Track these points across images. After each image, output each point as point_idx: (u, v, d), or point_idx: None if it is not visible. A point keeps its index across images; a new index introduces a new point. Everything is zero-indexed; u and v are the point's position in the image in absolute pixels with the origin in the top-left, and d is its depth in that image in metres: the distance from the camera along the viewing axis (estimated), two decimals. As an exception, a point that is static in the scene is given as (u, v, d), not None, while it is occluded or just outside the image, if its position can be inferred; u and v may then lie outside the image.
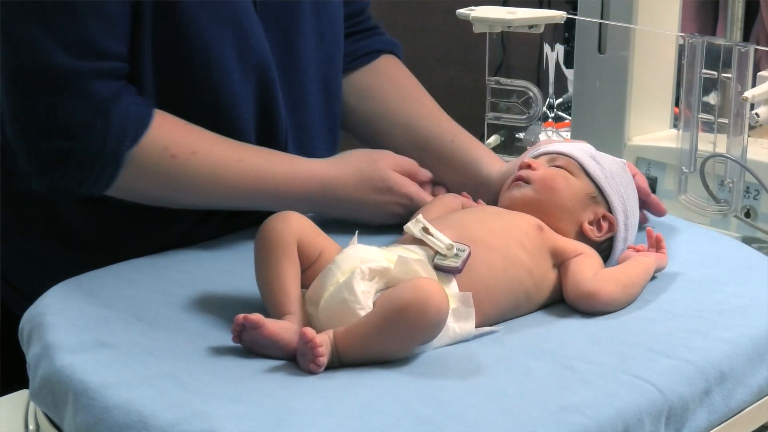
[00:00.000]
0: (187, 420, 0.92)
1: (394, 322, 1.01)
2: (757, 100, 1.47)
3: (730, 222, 1.58)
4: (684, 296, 1.18)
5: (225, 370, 1.01)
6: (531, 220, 1.19)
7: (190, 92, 1.28)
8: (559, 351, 1.05)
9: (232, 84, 1.29)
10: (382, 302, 1.03)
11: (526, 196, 1.23)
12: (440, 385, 0.98)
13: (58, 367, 1.02)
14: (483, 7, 1.67)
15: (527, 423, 0.93)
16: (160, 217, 1.31)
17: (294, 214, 1.12)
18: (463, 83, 1.55)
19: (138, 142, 1.22)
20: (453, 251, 1.10)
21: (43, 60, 1.19)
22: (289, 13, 1.36)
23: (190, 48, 1.26)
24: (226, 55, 1.28)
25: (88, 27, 1.19)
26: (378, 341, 1.02)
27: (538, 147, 1.32)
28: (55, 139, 1.20)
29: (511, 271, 1.13)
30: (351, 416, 0.93)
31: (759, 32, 2.47)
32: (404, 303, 1.00)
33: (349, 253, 1.09)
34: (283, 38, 1.36)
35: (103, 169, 1.22)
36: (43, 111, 1.20)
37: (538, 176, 1.24)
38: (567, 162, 1.26)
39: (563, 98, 2.24)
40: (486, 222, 1.17)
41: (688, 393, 1.01)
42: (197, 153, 1.26)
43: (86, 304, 1.13)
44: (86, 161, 1.21)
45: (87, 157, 1.21)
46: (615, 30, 1.68)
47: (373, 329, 1.02)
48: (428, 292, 1.01)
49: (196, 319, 1.12)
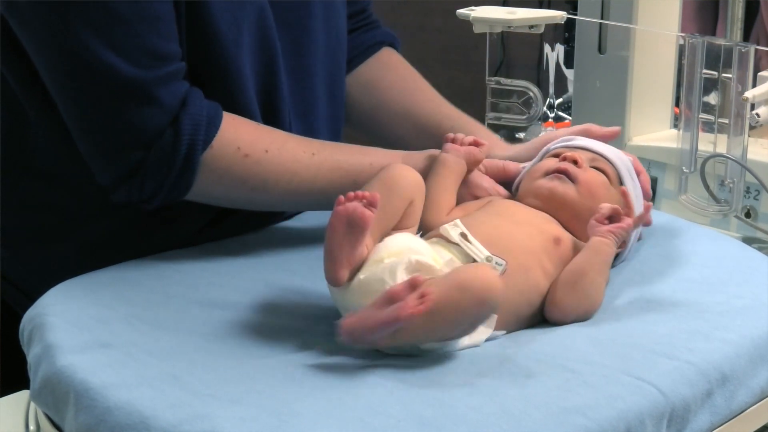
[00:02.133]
0: (189, 421, 0.92)
1: (459, 295, 1.00)
2: (757, 100, 1.47)
3: (731, 222, 1.59)
4: (685, 297, 1.18)
5: (226, 371, 1.01)
6: (549, 231, 1.18)
7: (206, 93, 1.27)
8: (561, 353, 1.05)
9: (245, 88, 1.29)
10: (442, 280, 1.02)
11: (568, 194, 1.21)
12: (441, 387, 0.98)
13: (59, 368, 1.02)
14: (483, 7, 1.67)
15: (529, 425, 0.93)
16: (165, 221, 1.30)
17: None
18: (463, 83, 1.54)
19: (210, 144, 1.22)
20: (492, 263, 1.09)
21: (108, 75, 1.17)
22: (300, 15, 1.36)
23: (211, 50, 1.26)
24: (243, 60, 1.28)
25: (143, 34, 1.18)
26: (435, 316, 1.00)
27: (572, 137, 1.30)
28: (129, 151, 1.20)
29: (526, 294, 1.12)
30: (352, 418, 0.93)
31: (759, 32, 2.47)
32: (469, 277, 1.00)
33: (399, 237, 1.09)
34: (294, 41, 1.36)
35: (180, 175, 1.21)
36: (116, 125, 1.20)
37: (585, 179, 1.22)
38: (609, 169, 1.25)
39: (563, 98, 2.24)
40: (513, 238, 1.15)
41: (689, 394, 1.01)
42: (270, 151, 1.25)
43: (87, 305, 1.13)
44: (162, 169, 1.21)
45: (162, 165, 1.20)
46: (615, 30, 1.68)
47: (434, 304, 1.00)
48: (491, 273, 1.02)
49: (198, 320, 1.12)
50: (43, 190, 1.32)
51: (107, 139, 1.21)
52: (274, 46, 1.31)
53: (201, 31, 1.24)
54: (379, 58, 1.51)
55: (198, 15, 1.23)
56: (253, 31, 1.28)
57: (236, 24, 1.26)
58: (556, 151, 1.28)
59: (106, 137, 1.21)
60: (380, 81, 1.49)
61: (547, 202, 1.21)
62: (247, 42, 1.28)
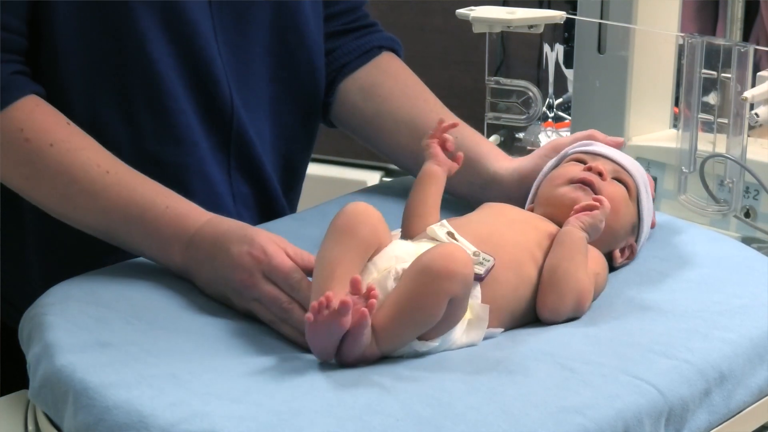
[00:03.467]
0: (187, 420, 0.92)
1: (422, 278, 1.01)
2: (756, 100, 1.47)
3: (730, 222, 1.58)
4: (684, 296, 1.18)
5: (225, 370, 1.01)
6: (545, 228, 1.17)
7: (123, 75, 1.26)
8: (559, 352, 1.05)
9: (166, 71, 1.28)
10: (408, 269, 1.04)
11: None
12: (440, 386, 0.98)
13: (58, 367, 1.02)
14: (483, 7, 1.67)
15: (527, 424, 0.93)
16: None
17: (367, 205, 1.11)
18: (463, 83, 1.56)
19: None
20: (479, 259, 1.09)
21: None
22: (243, 13, 1.35)
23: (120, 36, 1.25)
24: (161, 48, 1.27)
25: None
26: (409, 305, 1.01)
27: (590, 142, 1.29)
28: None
29: (520, 289, 1.12)
30: (351, 417, 0.93)
31: (759, 32, 2.47)
32: (429, 258, 1.02)
33: (387, 251, 1.09)
34: (236, 32, 1.35)
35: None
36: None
37: (609, 193, 1.20)
38: (630, 182, 1.24)
39: (563, 98, 2.24)
40: (503, 235, 1.15)
41: (688, 394, 1.01)
42: (55, 146, 1.19)
43: (86, 304, 1.13)
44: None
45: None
46: (615, 30, 1.68)
47: (404, 294, 1.02)
48: (451, 248, 1.03)
49: (196, 319, 1.12)
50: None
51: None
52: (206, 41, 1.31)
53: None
54: (379, 63, 1.49)
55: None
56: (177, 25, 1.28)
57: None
58: (577, 156, 1.27)
59: None
60: (379, 87, 1.47)
61: (568, 212, 1.18)
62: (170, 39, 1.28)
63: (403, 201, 1.24)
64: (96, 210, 1.21)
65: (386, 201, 1.41)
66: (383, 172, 2.96)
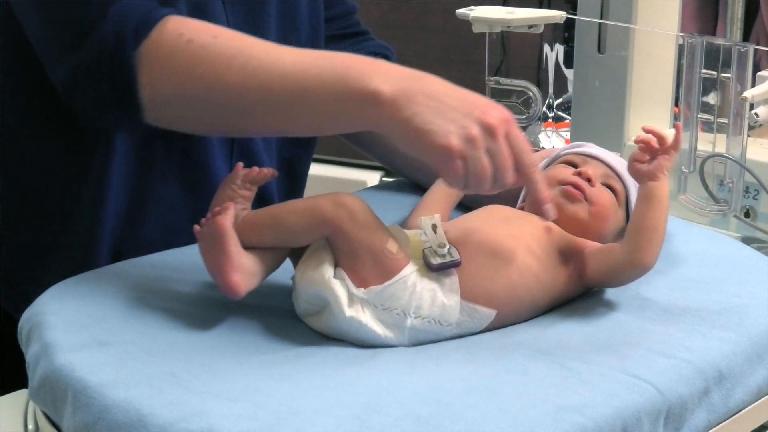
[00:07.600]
0: (186, 419, 0.92)
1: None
2: (756, 100, 1.47)
3: (730, 222, 1.58)
4: (683, 296, 1.18)
5: (224, 369, 1.01)
6: (541, 223, 1.17)
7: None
8: (558, 351, 1.05)
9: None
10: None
11: (578, 214, 1.20)
12: (439, 385, 0.98)
13: (57, 366, 1.02)
14: (483, 7, 1.67)
15: (525, 423, 0.93)
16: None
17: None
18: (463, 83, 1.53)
19: (145, 38, 1.13)
20: (443, 251, 1.09)
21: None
22: (256, 12, 1.35)
23: None
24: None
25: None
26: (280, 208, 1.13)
27: (582, 144, 1.30)
28: (67, 56, 1.14)
29: (517, 278, 1.12)
30: (349, 416, 0.93)
31: (759, 32, 2.47)
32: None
33: None
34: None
35: (116, 74, 1.12)
36: (56, 28, 1.16)
37: (597, 201, 1.21)
38: (619, 187, 1.24)
39: (563, 98, 2.24)
40: (496, 228, 1.15)
41: (686, 393, 1.01)
42: (219, 37, 1.14)
43: (85, 303, 1.13)
44: (97, 71, 1.13)
45: (96, 66, 1.13)
46: (615, 30, 1.68)
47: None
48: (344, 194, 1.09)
49: (195, 318, 1.12)
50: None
51: (49, 46, 1.17)
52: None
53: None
54: None
55: None
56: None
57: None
58: (569, 158, 1.27)
59: (48, 45, 1.17)
60: None
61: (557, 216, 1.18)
62: None
63: (402, 201, 1.24)
64: (277, 76, 1.11)
65: (386, 201, 1.41)
66: (383, 172, 2.96)
